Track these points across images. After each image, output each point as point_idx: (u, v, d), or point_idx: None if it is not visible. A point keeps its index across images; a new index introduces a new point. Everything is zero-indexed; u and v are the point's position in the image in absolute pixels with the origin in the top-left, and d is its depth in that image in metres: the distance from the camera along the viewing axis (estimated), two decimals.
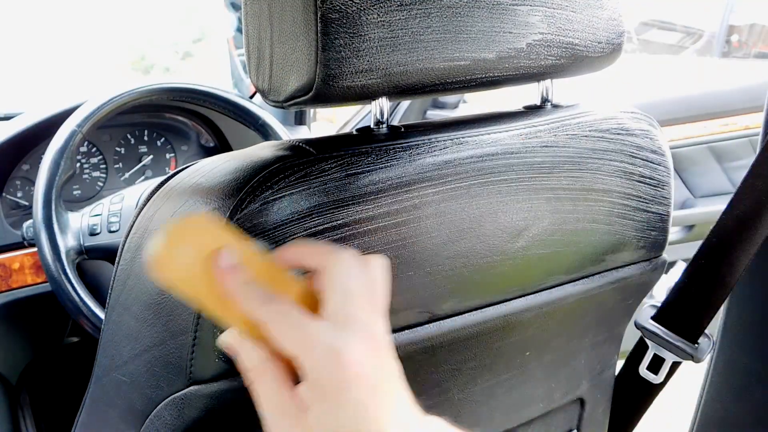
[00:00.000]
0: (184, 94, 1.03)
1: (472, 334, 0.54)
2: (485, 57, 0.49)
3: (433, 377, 0.55)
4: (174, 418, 0.47)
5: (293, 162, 0.45)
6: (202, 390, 0.45)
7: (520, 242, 0.53)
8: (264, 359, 0.36)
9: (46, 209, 0.87)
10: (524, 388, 0.63)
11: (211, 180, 0.46)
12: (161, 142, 1.23)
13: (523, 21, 0.50)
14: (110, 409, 0.54)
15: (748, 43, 3.43)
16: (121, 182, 1.19)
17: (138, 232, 0.49)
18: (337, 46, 0.43)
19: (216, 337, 0.44)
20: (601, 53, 0.56)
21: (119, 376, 0.51)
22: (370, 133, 0.51)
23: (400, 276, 0.48)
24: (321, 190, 0.45)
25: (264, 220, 0.43)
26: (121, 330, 0.50)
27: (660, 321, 0.71)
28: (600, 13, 0.55)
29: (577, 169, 0.55)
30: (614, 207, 0.58)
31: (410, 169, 0.47)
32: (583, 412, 0.72)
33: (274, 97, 0.49)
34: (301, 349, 0.35)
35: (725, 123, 1.53)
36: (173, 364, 0.46)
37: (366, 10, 0.43)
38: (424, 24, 0.46)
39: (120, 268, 0.50)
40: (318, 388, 0.35)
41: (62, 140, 0.89)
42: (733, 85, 1.62)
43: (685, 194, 1.56)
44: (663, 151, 0.61)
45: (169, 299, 0.45)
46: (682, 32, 3.91)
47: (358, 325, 0.36)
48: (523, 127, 0.55)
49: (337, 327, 0.36)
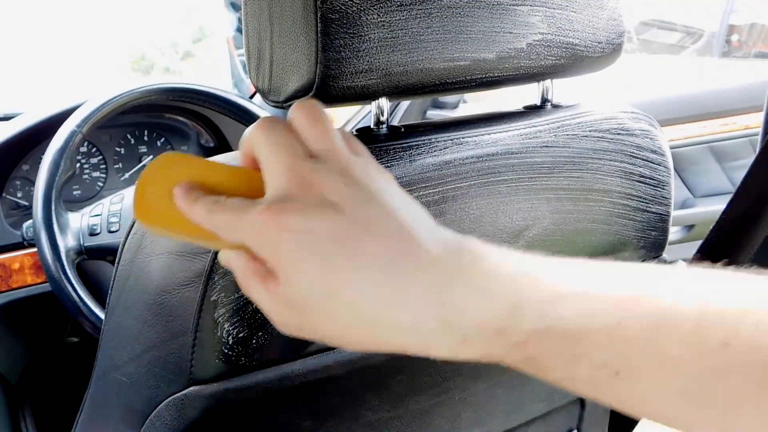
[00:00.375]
0: (183, 94, 1.03)
1: None
2: (485, 57, 0.49)
3: (434, 378, 0.55)
4: (174, 418, 0.47)
5: None
6: (203, 390, 0.45)
7: (521, 242, 0.53)
8: (244, 262, 0.35)
9: (46, 209, 0.87)
10: (524, 388, 0.63)
11: None
12: (161, 142, 1.23)
13: (523, 21, 0.50)
14: (110, 409, 0.54)
15: (748, 43, 3.42)
16: (121, 182, 1.19)
17: (138, 232, 0.49)
18: (337, 47, 0.43)
19: (216, 337, 0.44)
20: (601, 53, 0.56)
21: (119, 376, 0.51)
22: (370, 133, 0.51)
23: None
24: None
25: None
26: (121, 330, 0.50)
27: None
28: (600, 13, 0.55)
29: (577, 169, 0.55)
30: (614, 207, 0.58)
31: (410, 170, 0.47)
32: (583, 412, 0.72)
33: (274, 97, 0.49)
34: (241, 234, 0.34)
35: (725, 123, 1.53)
36: (173, 364, 0.46)
37: (366, 10, 0.43)
38: (424, 24, 0.46)
39: (120, 268, 0.50)
40: (277, 265, 0.33)
41: (62, 140, 0.89)
42: (733, 85, 1.62)
43: (685, 194, 1.56)
44: (663, 151, 0.61)
45: (169, 300, 0.45)
46: (682, 32, 3.91)
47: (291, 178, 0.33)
48: (523, 127, 0.55)
49: (272, 196, 0.34)
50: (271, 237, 0.33)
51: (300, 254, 0.32)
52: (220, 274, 0.43)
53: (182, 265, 0.44)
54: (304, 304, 0.33)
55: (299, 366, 0.47)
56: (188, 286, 0.44)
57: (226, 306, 0.43)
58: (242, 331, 0.44)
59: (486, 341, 0.33)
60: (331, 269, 0.32)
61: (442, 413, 0.57)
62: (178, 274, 0.44)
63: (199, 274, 0.43)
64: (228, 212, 0.34)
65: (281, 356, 0.46)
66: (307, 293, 0.33)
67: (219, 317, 0.43)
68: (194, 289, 0.44)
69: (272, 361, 0.46)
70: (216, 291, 0.43)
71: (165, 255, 0.46)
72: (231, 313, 0.43)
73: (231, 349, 0.44)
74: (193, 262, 0.44)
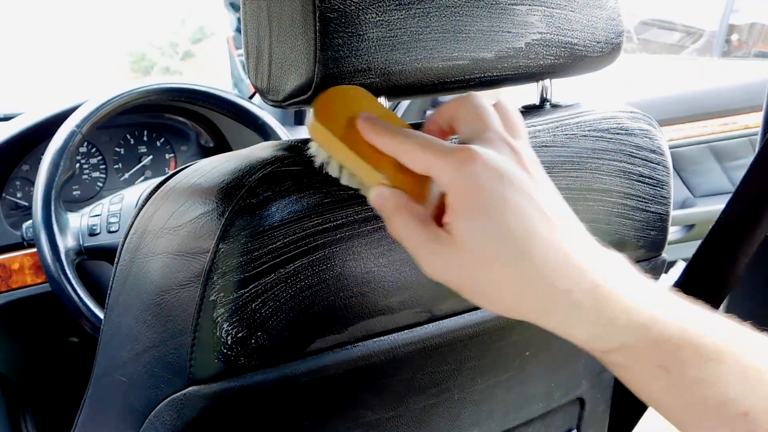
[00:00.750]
0: (183, 94, 1.03)
1: (471, 334, 0.54)
2: (484, 57, 0.49)
3: (433, 377, 0.55)
4: (173, 418, 0.47)
5: (292, 162, 0.45)
6: (202, 390, 0.45)
7: None
8: (399, 196, 0.38)
9: (46, 210, 0.87)
10: (524, 387, 0.63)
11: (210, 180, 0.46)
12: (161, 142, 1.23)
13: (522, 20, 0.50)
14: (110, 409, 0.54)
15: (748, 43, 3.42)
16: (120, 182, 1.20)
17: (137, 233, 0.49)
18: (335, 46, 0.43)
19: (215, 337, 0.44)
20: (600, 53, 0.56)
21: (118, 376, 0.51)
22: None
23: (399, 276, 0.48)
24: (320, 190, 0.45)
25: (263, 220, 0.43)
26: (120, 330, 0.50)
27: None
28: (599, 12, 0.55)
29: (576, 168, 0.55)
30: (613, 207, 0.58)
31: None
32: (582, 412, 0.72)
33: (273, 96, 0.49)
34: (429, 164, 0.37)
35: (725, 122, 1.53)
36: (172, 364, 0.46)
37: (364, 9, 0.43)
38: (422, 23, 0.46)
39: (119, 268, 0.50)
40: (458, 202, 0.36)
41: (61, 140, 0.89)
42: (733, 85, 1.62)
43: (684, 194, 1.56)
44: (662, 150, 0.61)
45: (168, 300, 0.45)
46: (682, 32, 3.92)
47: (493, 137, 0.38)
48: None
49: (472, 142, 0.37)
50: (471, 174, 0.35)
51: (493, 202, 0.35)
52: (219, 274, 0.43)
53: (181, 265, 0.44)
54: (472, 249, 0.35)
55: (298, 366, 0.47)
56: (187, 286, 0.44)
57: (225, 306, 0.43)
58: (241, 331, 0.44)
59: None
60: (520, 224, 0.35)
61: (441, 413, 0.57)
62: (177, 274, 0.44)
63: (198, 274, 0.43)
64: (422, 137, 0.38)
65: (280, 356, 0.46)
66: (483, 240, 0.35)
67: (218, 317, 0.43)
68: (193, 289, 0.44)
69: (271, 361, 0.46)
70: (215, 291, 0.43)
71: (164, 255, 0.46)
72: (230, 313, 0.43)
73: (230, 349, 0.44)
74: (192, 262, 0.44)
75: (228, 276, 0.43)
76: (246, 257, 0.42)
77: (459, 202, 0.36)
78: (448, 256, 0.36)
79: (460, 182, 0.36)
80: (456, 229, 0.36)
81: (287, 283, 0.44)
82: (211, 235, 0.43)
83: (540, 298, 0.36)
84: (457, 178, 0.36)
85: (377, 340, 0.49)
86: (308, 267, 0.44)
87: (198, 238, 0.43)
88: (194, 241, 0.44)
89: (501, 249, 0.35)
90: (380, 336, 0.49)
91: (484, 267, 0.35)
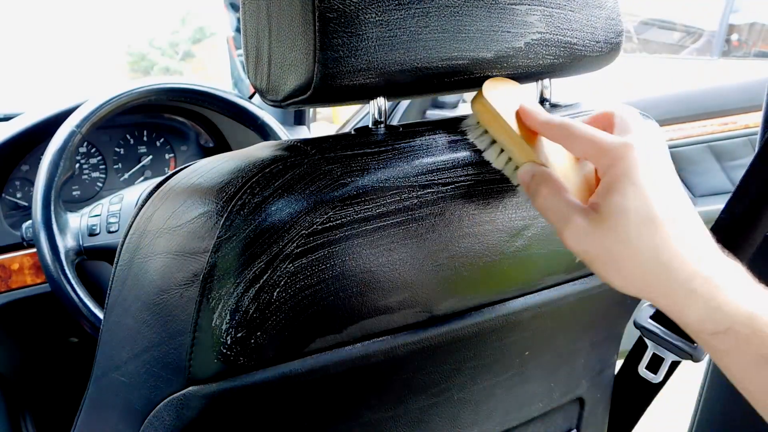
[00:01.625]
0: (183, 94, 1.03)
1: (471, 333, 0.54)
2: (483, 56, 0.49)
3: (433, 377, 0.55)
4: (173, 418, 0.47)
5: (292, 162, 0.45)
6: (201, 390, 0.45)
7: (519, 242, 0.53)
8: (546, 172, 0.44)
9: (46, 210, 0.87)
10: (524, 387, 0.63)
11: (210, 180, 0.46)
12: (160, 142, 1.23)
13: (522, 20, 0.50)
14: (109, 409, 0.54)
15: (748, 43, 3.43)
16: (120, 183, 1.20)
17: (136, 233, 0.49)
18: (335, 46, 0.43)
19: (215, 337, 0.44)
20: (600, 52, 0.56)
21: (118, 376, 0.51)
22: (369, 132, 0.51)
23: (398, 276, 0.48)
24: (319, 190, 0.45)
25: (262, 220, 0.43)
26: (119, 330, 0.50)
27: (659, 320, 0.71)
28: (598, 12, 0.55)
29: None
30: None
31: (408, 169, 0.47)
32: (582, 412, 0.72)
33: (272, 96, 0.49)
34: (594, 151, 0.42)
35: (725, 122, 1.53)
36: (172, 364, 0.46)
37: (364, 9, 0.43)
38: (422, 23, 0.46)
39: (118, 268, 0.50)
40: (614, 184, 0.40)
41: (61, 140, 0.89)
42: (733, 84, 1.62)
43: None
44: None
45: (167, 300, 0.45)
46: (682, 31, 3.92)
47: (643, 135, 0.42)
48: None
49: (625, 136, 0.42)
50: (630, 163, 0.41)
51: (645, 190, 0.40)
52: (219, 274, 0.43)
53: (181, 265, 0.44)
54: (617, 226, 0.40)
55: (298, 366, 0.47)
56: (187, 286, 0.44)
57: (225, 306, 0.43)
58: (241, 330, 0.44)
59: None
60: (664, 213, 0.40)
61: (441, 413, 0.57)
62: (177, 274, 0.44)
63: (197, 274, 0.43)
64: (589, 127, 0.43)
65: (280, 356, 0.46)
66: (630, 221, 0.40)
67: (217, 317, 0.43)
68: (193, 289, 0.44)
69: (271, 360, 0.46)
70: (214, 291, 0.43)
71: (163, 255, 0.46)
72: (229, 313, 0.43)
73: (229, 349, 0.44)
74: (191, 262, 0.44)
75: (227, 276, 0.43)
76: (245, 257, 0.42)
77: (615, 184, 0.41)
78: (591, 230, 0.41)
79: (618, 169, 0.41)
80: (606, 206, 0.41)
81: (287, 283, 0.44)
82: (210, 235, 0.43)
83: (665, 280, 0.40)
84: (617, 166, 0.41)
85: (377, 340, 0.49)
86: (308, 267, 0.44)
87: (197, 238, 0.43)
88: (194, 241, 0.44)
89: (644, 231, 0.40)
90: (380, 336, 0.49)
91: (624, 244, 0.40)
